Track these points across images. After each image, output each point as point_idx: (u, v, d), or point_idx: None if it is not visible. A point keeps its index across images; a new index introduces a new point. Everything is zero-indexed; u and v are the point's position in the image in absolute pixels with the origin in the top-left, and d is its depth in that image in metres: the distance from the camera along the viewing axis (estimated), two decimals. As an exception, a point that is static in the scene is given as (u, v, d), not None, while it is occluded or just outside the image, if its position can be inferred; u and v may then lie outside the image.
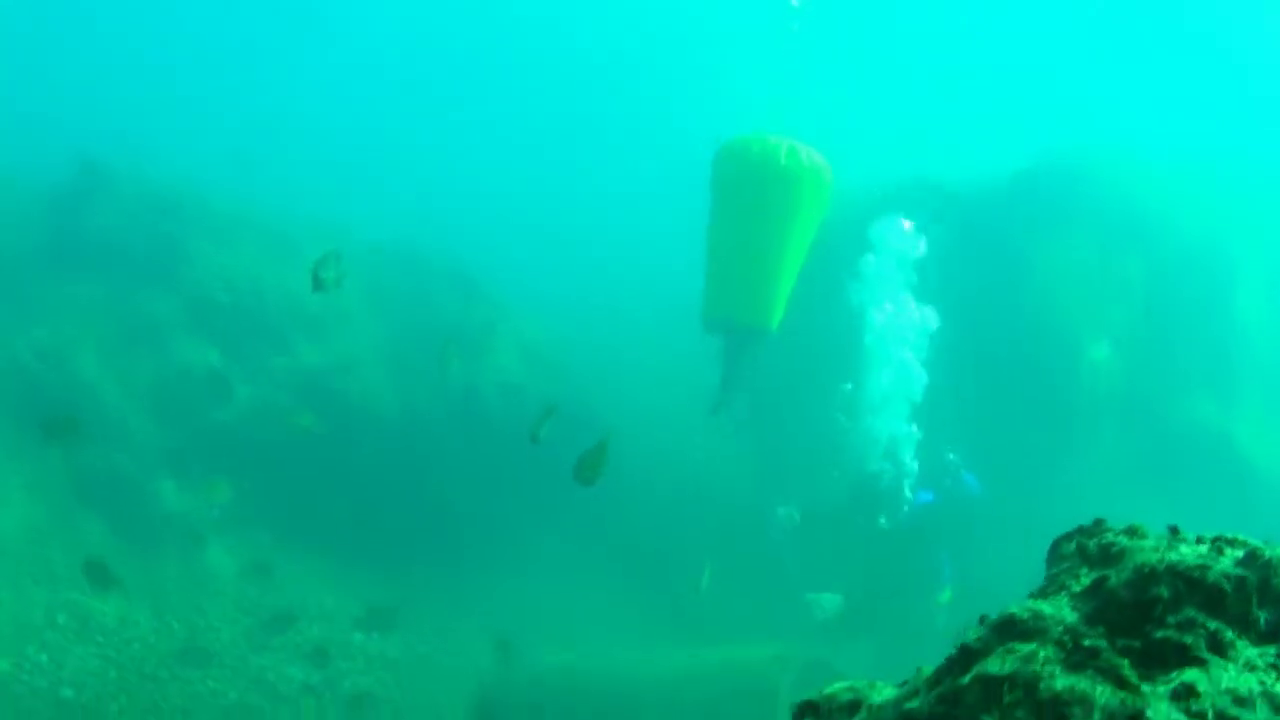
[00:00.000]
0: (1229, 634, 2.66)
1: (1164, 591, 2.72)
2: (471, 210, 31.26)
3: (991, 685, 2.43)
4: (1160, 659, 2.57)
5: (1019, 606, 2.69)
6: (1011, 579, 12.51)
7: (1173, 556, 2.81)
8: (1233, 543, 2.93)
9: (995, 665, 2.47)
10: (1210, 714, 2.40)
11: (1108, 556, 2.94)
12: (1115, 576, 2.81)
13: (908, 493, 15.08)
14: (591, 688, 13.57)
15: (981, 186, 18.64)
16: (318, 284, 12.35)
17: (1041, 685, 2.44)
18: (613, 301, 25.64)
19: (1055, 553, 3.22)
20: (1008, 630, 2.60)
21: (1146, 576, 2.76)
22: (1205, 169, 20.70)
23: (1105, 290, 18.02)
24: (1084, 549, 3.01)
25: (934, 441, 15.56)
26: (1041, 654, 2.51)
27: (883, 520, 14.75)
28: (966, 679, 2.46)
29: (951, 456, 15.46)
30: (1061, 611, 2.69)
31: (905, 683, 2.89)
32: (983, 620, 2.83)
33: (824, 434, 16.13)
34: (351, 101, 38.24)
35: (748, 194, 15.11)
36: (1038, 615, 2.63)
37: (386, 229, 21.29)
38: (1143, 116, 26.20)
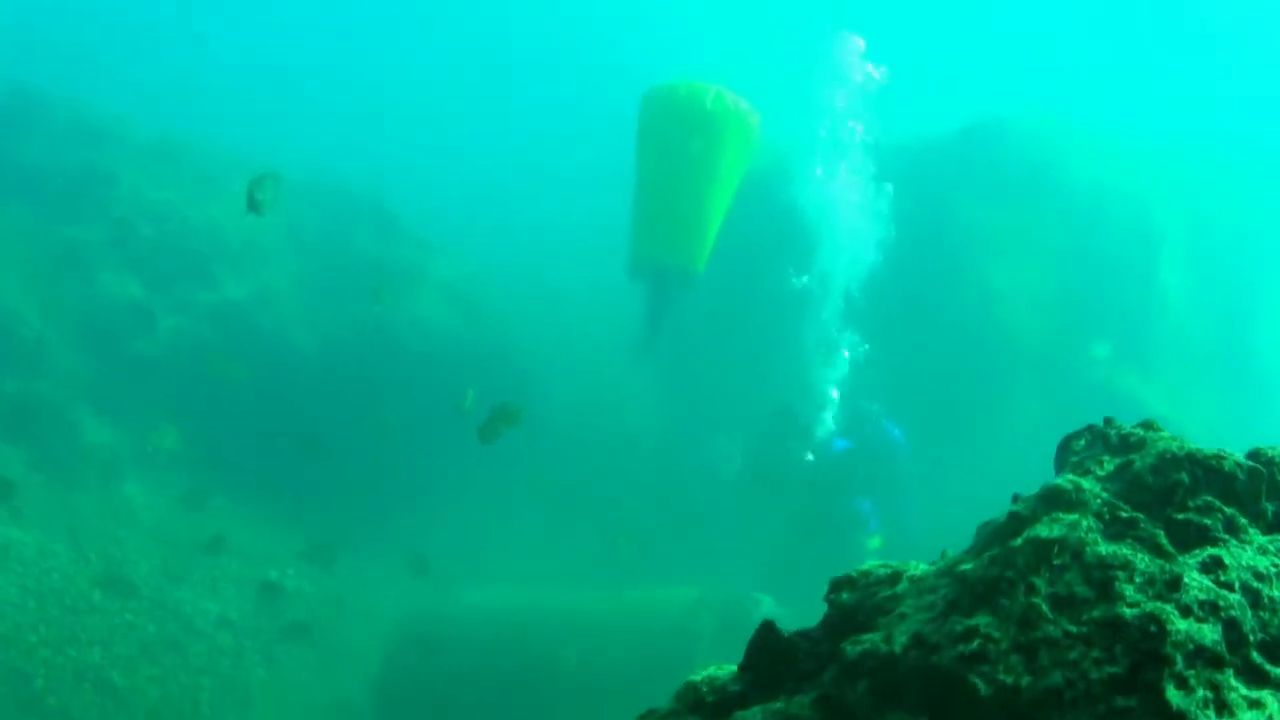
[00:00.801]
0: (1242, 520, 2.83)
1: (1184, 477, 2.89)
2: (395, 147, 31.07)
3: (1042, 548, 2.59)
4: (1183, 539, 2.74)
5: (1063, 479, 2.85)
6: (938, 529, 12.81)
7: (1191, 446, 2.98)
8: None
9: (1044, 530, 2.64)
10: (1237, 585, 2.57)
11: (1128, 445, 3.11)
12: (1140, 461, 2.98)
13: (830, 425, 15.32)
14: (512, 623, 13.58)
15: (913, 143, 18.86)
16: (252, 205, 12.20)
17: (1087, 550, 2.60)
18: (537, 241, 25.67)
19: (1066, 448, 3.38)
20: (1053, 500, 2.76)
21: (1169, 462, 2.94)
22: (1135, 138, 21.05)
23: (1028, 250, 18.32)
24: (1105, 438, 3.19)
25: (857, 393, 15.78)
26: (1084, 523, 2.66)
27: (810, 456, 14.95)
28: (1018, 541, 2.61)
29: (873, 407, 15.62)
30: (1095, 488, 2.85)
31: (935, 561, 3.04)
32: (1015, 499, 3.00)
33: (753, 370, 16.42)
34: (275, 35, 37.72)
35: (675, 138, 15.16)
36: (1079, 488, 2.79)
37: (309, 165, 21.05)
38: (1075, 83, 26.59)
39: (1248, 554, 2.75)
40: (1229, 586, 2.60)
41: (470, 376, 18.23)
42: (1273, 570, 2.72)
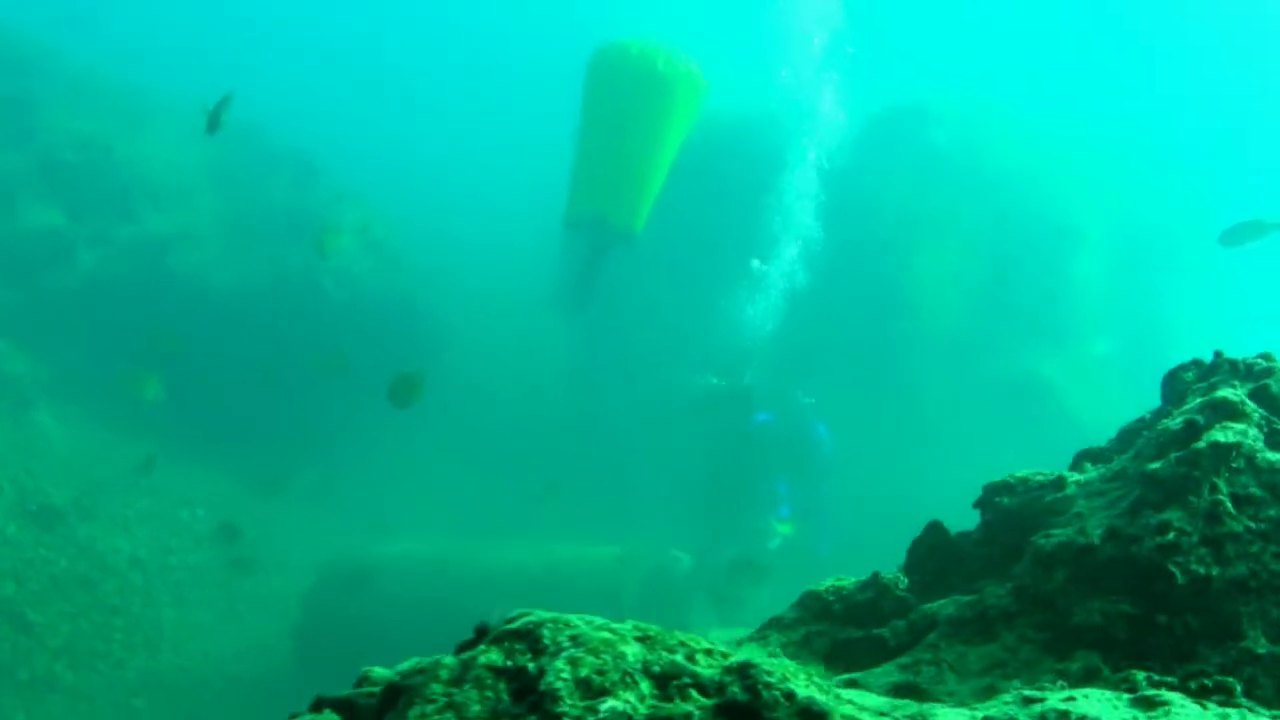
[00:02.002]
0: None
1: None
2: (320, 94, 30.69)
3: (1222, 451, 2.73)
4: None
5: (1228, 390, 2.99)
6: (857, 512, 13.03)
7: (1319, 372, 3.14)
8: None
9: (1220, 435, 2.77)
10: None
11: (1253, 373, 3.26)
12: (1275, 385, 3.13)
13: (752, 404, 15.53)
14: (436, 575, 13.52)
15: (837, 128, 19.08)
16: (213, 124, 12.04)
17: (1258, 456, 2.75)
18: (456, 193, 25.58)
19: (1174, 377, 3.54)
20: (1222, 410, 2.91)
21: (1304, 383, 3.09)
22: (1050, 128, 21.42)
23: (948, 237, 18.63)
24: (1234, 366, 3.33)
25: (788, 380, 15.98)
26: (1250, 431, 2.81)
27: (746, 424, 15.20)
28: (1201, 445, 2.75)
29: (807, 400, 15.83)
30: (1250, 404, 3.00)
31: (1105, 470, 3.18)
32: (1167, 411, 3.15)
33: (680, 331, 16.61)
34: None
35: (625, 97, 15.12)
36: (1243, 400, 2.94)
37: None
38: (996, 71, 26.98)
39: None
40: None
41: (384, 325, 18.24)
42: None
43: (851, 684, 2.61)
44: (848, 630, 3.17)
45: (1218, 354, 3.53)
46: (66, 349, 16.56)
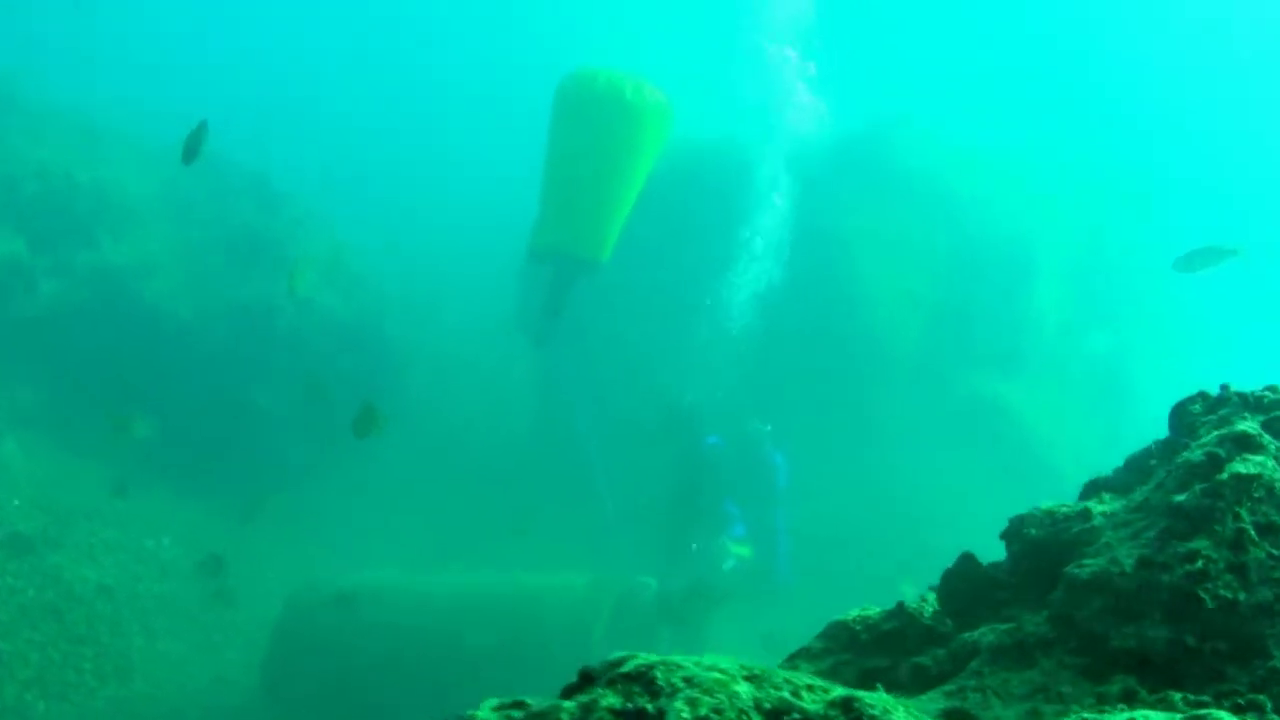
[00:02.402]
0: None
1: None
2: (282, 121, 30.66)
3: (1244, 482, 2.89)
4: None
5: (1246, 424, 3.15)
6: (818, 535, 13.18)
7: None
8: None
9: (1241, 467, 2.93)
10: None
11: (1262, 405, 3.43)
12: (1287, 417, 3.29)
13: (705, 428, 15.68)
14: (408, 605, 13.51)
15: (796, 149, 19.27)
16: (189, 155, 12.01)
17: (1278, 486, 2.91)
18: (420, 221, 25.64)
19: (1183, 410, 3.71)
20: (1242, 443, 3.06)
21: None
22: (1009, 153, 21.71)
23: (906, 261, 18.84)
24: (1243, 399, 3.50)
25: (748, 410, 16.14)
26: (1269, 462, 2.97)
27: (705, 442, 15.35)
28: (1224, 476, 2.91)
29: (764, 428, 15.98)
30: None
31: (1128, 501, 3.33)
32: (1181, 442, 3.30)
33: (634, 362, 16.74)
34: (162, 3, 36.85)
35: (592, 126, 15.18)
36: (1260, 433, 3.10)
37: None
38: (954, 96, 27.29)
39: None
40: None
41: (347, 352, 18.29)
42: None
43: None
44: (874, 659, 3.31)
45: (1224, 387, 3.71)
46: (30, 378, 16.53)
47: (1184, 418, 3.73)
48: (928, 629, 3.32)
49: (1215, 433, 3.22)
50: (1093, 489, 3.75)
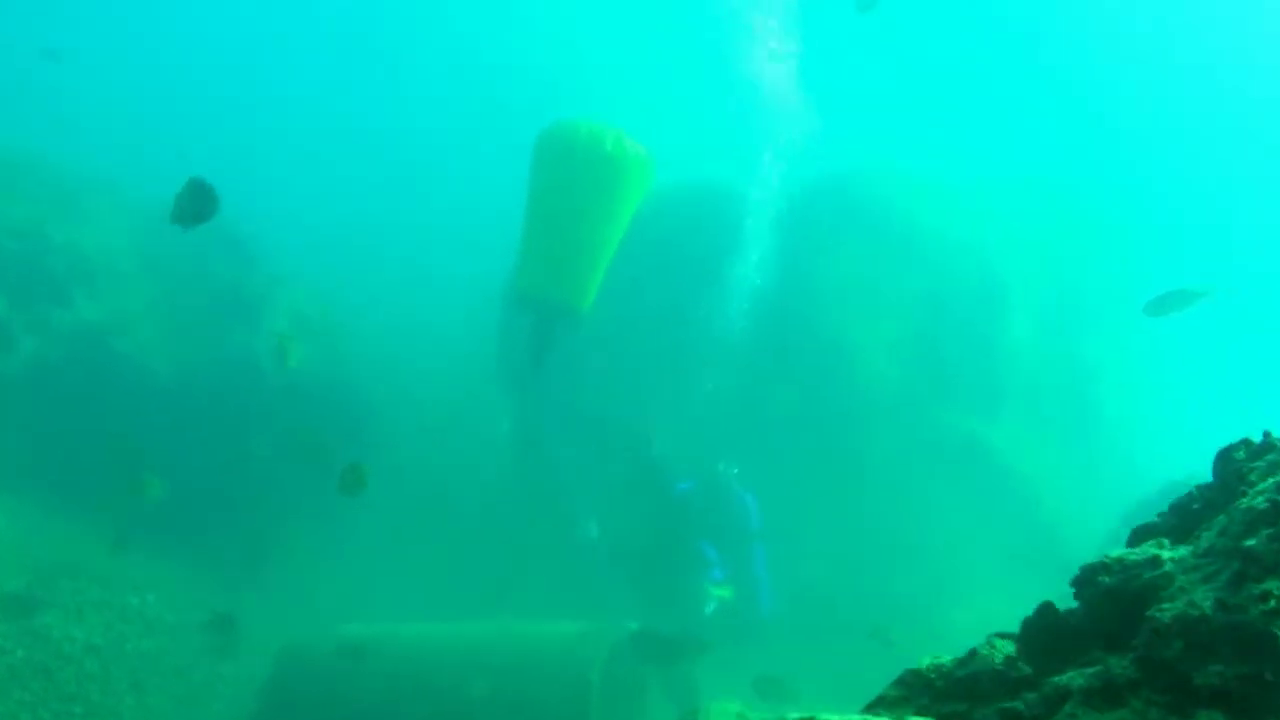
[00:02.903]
0: None
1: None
2: (250, 176, 30.68)
3: (1304, 528, 3.10)
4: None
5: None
6: (803, 575, 13.34)
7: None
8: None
9: (1302, 516, 3.15)
10: None
11: (1309, 453, 3.67)
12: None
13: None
14: (402, 654, 13.56)
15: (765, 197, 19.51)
16: (182, 216, 11.64)
17: (1337, 532, 3.13)
18: (392, 274, 25.72)
19: (1227, 457, 3.93)
20: (1296, 491, 3.28)
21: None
22: (981, 193, 22.02)
23: (881, 303, 19.09)
24: (1284, 447, 3.73)
25: (715, 453, 16.32)
26: (1324, 509, 3.19)
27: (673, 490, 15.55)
28: (1291, 525, 3.13)
29: (731, 470, 16.11)
30: (1314, 481, 3.38)
31: (1193, 538, 3.54)
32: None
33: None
34: (129, 53, 36.78)
35: (574, 177, 15.30)
36: (1314, 481, 3.33)
37: (161, 192, 20.81)
38: (913, 135, 27.67)
39: None
40: None
41: (324, 407, 18.34)
42: None
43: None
44: (951, 704, 3.50)
45: (1267, 434, 3.93)
46: (8, 437, 16.52)
47: (1229, 464, 3.93)
48: (1000, 674, 3.50)
49: (1272, 479, 3.44)
50: (1145, 533, 3.94)
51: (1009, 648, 3.62)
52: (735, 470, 15.99)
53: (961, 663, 3.62)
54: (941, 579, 17.22)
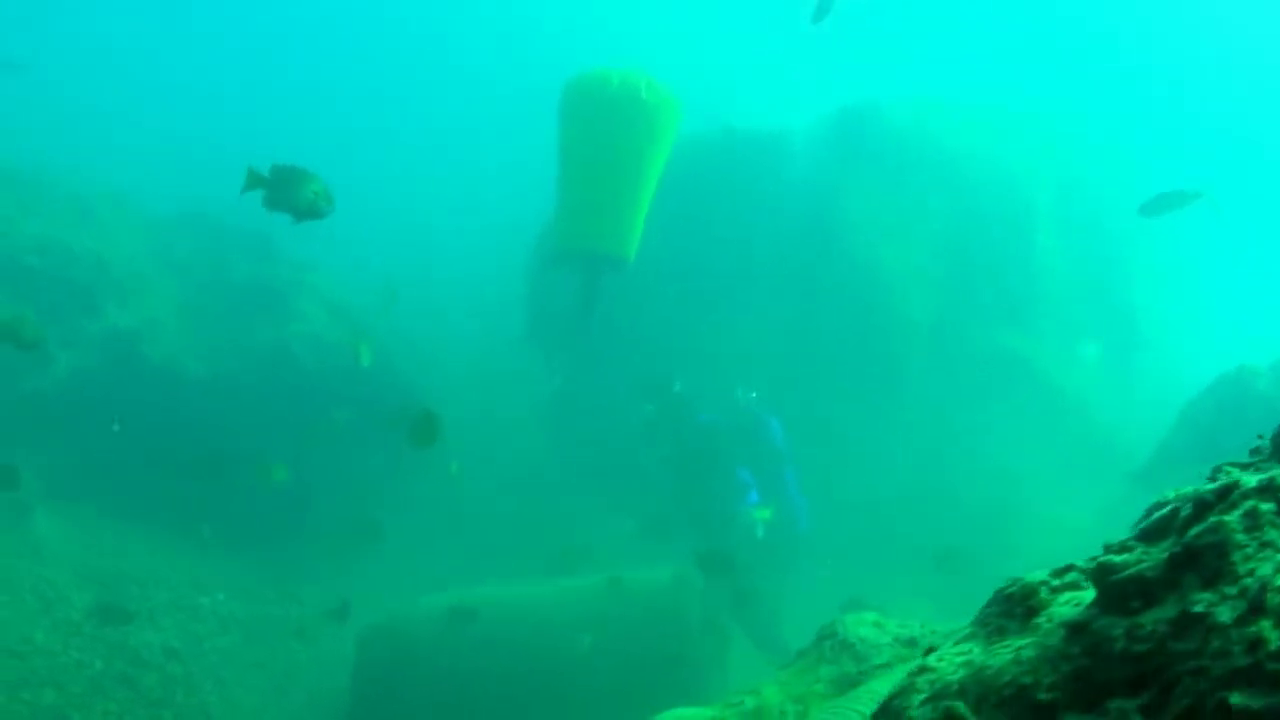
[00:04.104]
0: None
1: None
2: (268, 154, 30.28)
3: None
4: None
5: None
6: (846, 498, 13.29)
7: None
8: None
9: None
10: None
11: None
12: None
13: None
14: (496, 617, 13.36)
15: (791, 132, 19.41)
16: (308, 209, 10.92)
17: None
18: (415, 248, 25.55)
19: None
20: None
21: None
22: (1004, 114, 21.95)
23: (912, 228, 19.02)
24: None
25: (734, 382, 16.33)
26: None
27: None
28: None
29: (750, 395, 16.13)
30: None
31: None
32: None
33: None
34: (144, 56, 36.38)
35: (611, 126, 15.11)
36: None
37: (178, 195, 20.68)
38: (945, 63, 27.53)
39: None
40: None
41: (362, 392, 18.23)
42: None
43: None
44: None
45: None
46: (55, 450, 16.40)
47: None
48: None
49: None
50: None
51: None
52: (754, 394, 16.09)
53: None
54: (1004, 495, 17.23)
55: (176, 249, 19.33)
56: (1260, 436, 3.18)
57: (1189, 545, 2.21)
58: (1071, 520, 16.24)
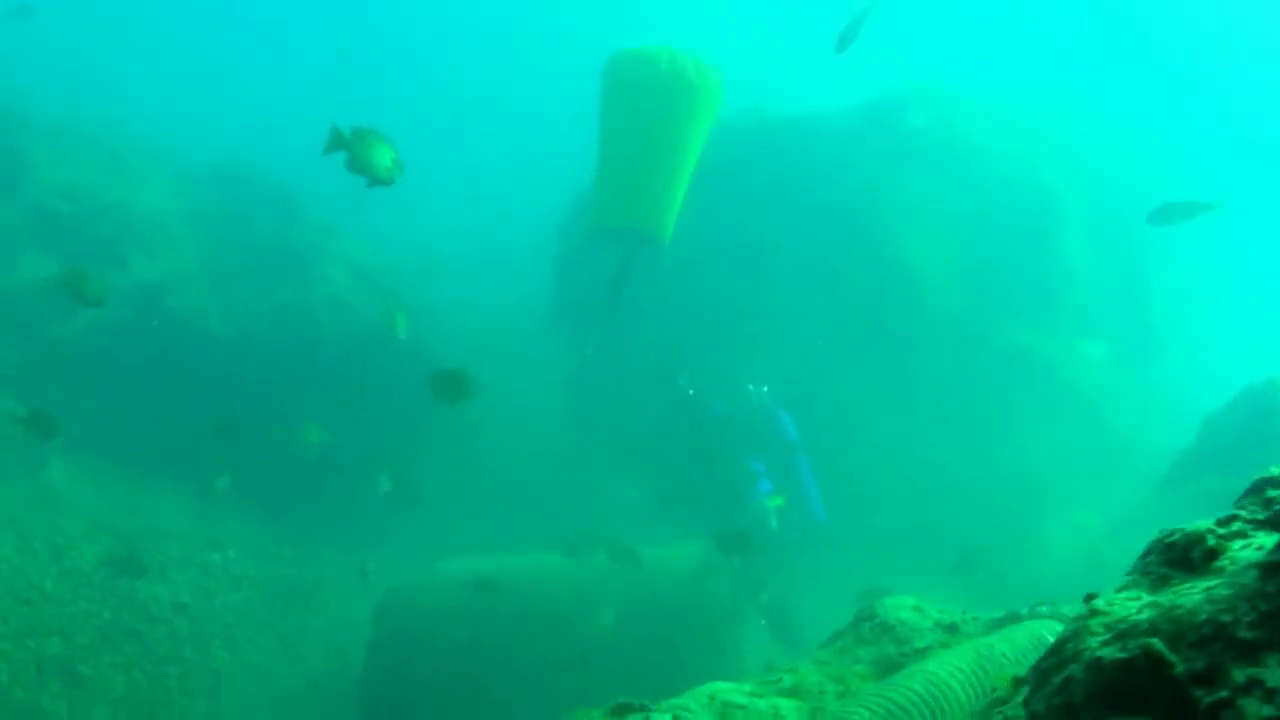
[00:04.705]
0: None
1: None
2: (302, 133, 30.24)
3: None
4: None
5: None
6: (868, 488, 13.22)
7: None
8: None
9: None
10: None
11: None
12: None
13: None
14: (515, 585, 13.19)
15: (821, 120, 19.31)
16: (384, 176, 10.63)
17: None
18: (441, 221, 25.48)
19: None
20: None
21: None
22: (1026, 105, 21.89)
23: (941, 222, 18.93)
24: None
25: (743, 376, 16.32)
26: None
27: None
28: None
29: (760, 389, 16.08)
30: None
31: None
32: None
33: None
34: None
35: (657, 106, 14.96)
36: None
37: (210, 149, 20.63)
38: (976, 58, 27.50)
39: None
40: None
41: (383, 357, 18.14)
42: None
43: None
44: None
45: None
46: (74, 401, 16.29)
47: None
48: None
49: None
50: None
51: None
52: (765, 389, 16.06)
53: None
54: (1021, 493, 17.20)
55: (201, 204, 19.23)
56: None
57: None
58: (1090, 523, 16.22)
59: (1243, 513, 2.63)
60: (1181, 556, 2.57)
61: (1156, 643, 2.10)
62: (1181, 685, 2.03)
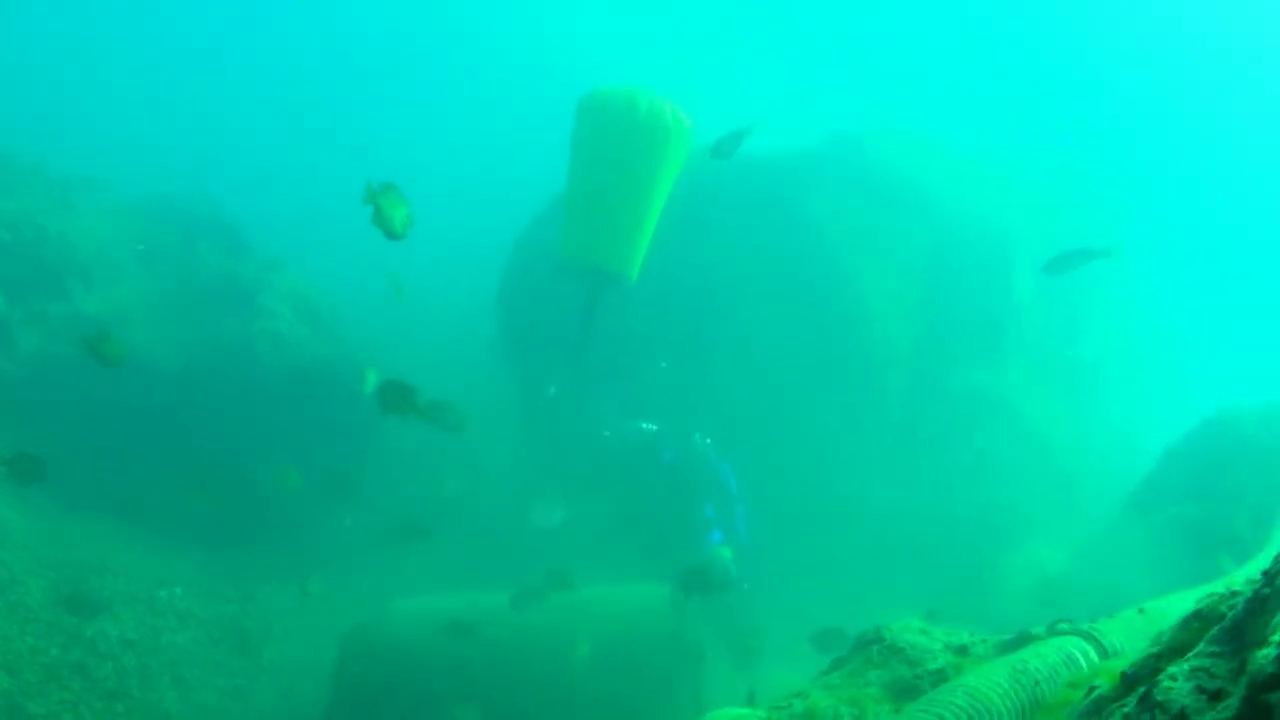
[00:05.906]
0: None
1: None
2: (240, 162, 29.99)
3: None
4: None
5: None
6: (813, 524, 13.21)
7: None
8: None
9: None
10: None
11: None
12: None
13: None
14: (486, 621, 13.00)
15: (778, 158, 19.36)
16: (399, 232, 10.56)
17: None
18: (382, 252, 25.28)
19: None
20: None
21: None
22: (986, 152, 22.15)
23: (891, 261, 19.06)
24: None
25: (689, 427, 16.36)
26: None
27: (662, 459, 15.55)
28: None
29: (705, 440, 16.16)
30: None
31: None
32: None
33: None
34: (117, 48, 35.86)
35: (633, 148, 14.95)
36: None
37: (145, 183, 20.36)
38: (920, 96, 27.75)
39: None
40: None
41: (326, 390, 17.94)
42: None
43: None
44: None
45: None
46: (14, 433, 15.95)
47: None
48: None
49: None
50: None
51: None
52: (709, 440, 16.14)
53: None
54: (984, 530, 17.30)
55: (149, 238, 18.97)
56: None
57: None
58: (1044, 557, 16.35)
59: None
60: None
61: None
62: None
